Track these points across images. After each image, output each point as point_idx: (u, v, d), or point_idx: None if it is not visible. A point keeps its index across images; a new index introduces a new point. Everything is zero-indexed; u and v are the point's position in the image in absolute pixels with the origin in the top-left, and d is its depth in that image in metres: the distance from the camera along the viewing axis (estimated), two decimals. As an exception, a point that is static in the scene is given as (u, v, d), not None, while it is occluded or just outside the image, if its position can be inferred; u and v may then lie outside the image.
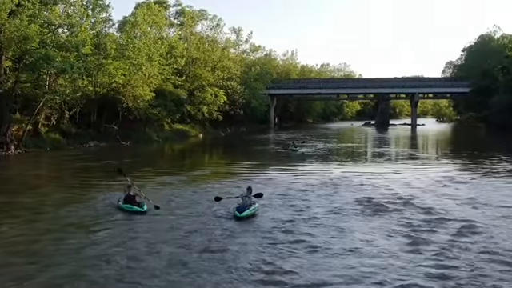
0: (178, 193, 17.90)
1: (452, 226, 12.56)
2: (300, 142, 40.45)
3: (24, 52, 33.24)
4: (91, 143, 40.62)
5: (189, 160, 36.19)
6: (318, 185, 19.33)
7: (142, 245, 10.98)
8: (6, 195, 18.03)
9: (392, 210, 14.22)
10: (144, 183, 20.17)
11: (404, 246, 10.67)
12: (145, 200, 14.65)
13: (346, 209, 14.64)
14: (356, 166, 28.53)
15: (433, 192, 17.66)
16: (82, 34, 36.78)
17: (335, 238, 11.45)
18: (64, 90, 35.38)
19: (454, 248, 10.50)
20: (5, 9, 31.35)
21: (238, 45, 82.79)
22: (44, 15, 35.45)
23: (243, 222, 13.08)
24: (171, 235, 11.87)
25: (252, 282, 8.68)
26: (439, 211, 14.06)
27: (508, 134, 54.40)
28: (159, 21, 55.59)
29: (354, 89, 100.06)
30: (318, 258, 9.89)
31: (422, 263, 9.46)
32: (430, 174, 23.08)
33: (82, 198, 17.05)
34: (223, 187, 19.02)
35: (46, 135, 37.84)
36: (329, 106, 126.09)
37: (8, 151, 32.95)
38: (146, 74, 45.37)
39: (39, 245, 11.17)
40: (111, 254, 10.21)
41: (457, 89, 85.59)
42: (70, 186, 20.85)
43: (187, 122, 57.44)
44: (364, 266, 9.32)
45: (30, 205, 15.90)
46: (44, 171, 28.44)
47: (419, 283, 8.40)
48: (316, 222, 13.14)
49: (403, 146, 47.15)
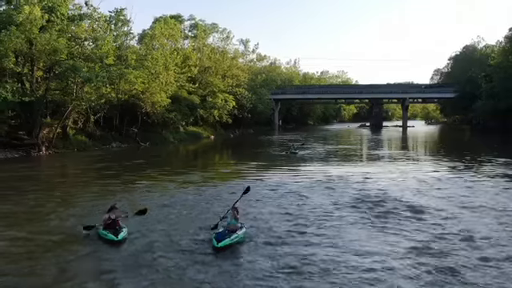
0: (179, 196, 16.62)
1: (432, 217, 12.68)
2: (299, 144, 39.39)
3: (54, 63, 33.41)
4: (114, 144, 40.73)
5: (201, 160, 36.16)
6: (315, 185, 18.88)
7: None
8: (41, 189, 18.31)
9: (384, 207, 13.99)
10: (155, 182, 20.37)
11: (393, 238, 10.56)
12: (128, 221, 11.77)
13: (342, 209, 14.31)
14: (352, 166, 28.19)
15: (420, 190, 17.35)
16: (105, 47, 36.87)
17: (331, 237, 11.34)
18: (89, 97, 35.46)
19: (435, 237, 10.59)
20: (36, 25, 31.53)
21: (246, 55, 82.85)
22: (71, 30, 35.71)
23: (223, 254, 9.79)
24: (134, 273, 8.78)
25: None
26: (426, 207, 13.85)
27: (490, 135, 54.14)
28: (175, 34, 55.79)
29: (351, 94, 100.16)
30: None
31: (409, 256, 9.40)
32: (418, 173, 22.73)
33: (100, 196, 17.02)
34: (226, 188, 18.65)
35: (74, 137, 37.98)
36: (328, 109, 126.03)
37: (39, 152, 33.15)
38: (163, 82, 45.41)
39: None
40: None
41: (444, 94, 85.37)
42: (94, 183, 20.99)
43: (200, 124, 57.45)
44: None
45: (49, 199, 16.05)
46: (71, 170, 28.55)
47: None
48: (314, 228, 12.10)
49: (395, 146, 46.91)
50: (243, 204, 13.47)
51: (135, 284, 8.24)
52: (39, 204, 15.63)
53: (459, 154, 33.27)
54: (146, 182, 20.68)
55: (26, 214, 13.95)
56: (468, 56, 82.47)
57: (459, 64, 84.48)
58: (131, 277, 8.57)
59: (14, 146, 32.34)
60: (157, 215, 13.26)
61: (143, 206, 13.20)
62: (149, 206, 13.15)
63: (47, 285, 8.37)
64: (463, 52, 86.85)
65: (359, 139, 57.31)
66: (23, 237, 11.31)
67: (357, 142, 53.29)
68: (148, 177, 22.61)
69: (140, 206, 13.59)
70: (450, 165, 27.22)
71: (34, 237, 11.28)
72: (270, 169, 25.52)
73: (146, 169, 26.63)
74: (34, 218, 13.34)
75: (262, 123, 78.52)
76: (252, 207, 14.20)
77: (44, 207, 15.00)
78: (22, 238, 11.24)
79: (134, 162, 30.15)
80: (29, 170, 26.30)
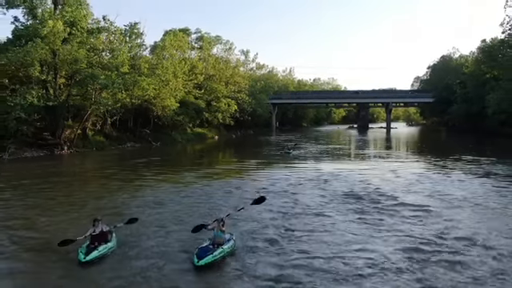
0: (177, 197, 15.67)
1: (409, 208, 12.80)
2: (293, 144, 38.43)
3: (75, 71, 33.44)
4: (128, 144, 40.71)
5: (206, 157, 36.14)
6: (308, 180, 18.85)
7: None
8: (65, 182, 18.49)
9: (367, 199, 14.09)
10: (165, 178, 20.46)
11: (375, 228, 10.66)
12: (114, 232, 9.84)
13: (332, 205, 14.39)
14: (341, 163, 28.19)
15: (401, 184, 17.40)
16: (121, 57, 36.91)
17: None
18: (107, 102, 35.42)
19: (411, 225, 10.56)
20: (59, 37, 31.63)
21: (246, 64, 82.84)
22: (90, 42, 35.67)
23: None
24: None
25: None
26: (406, 200, 13.88)
27: (463, 135, 54.21)
28: (183, 45, 55.72)
29: (340, 99, 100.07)
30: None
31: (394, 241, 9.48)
32: (400, 169, 22.76)
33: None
34: (226, 184, 18.92)
35: (93, 138, 38.01)
36: (320, 112, 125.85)
37: (62, 151, 33.21)
38: (172, 88, 45.39)
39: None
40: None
41: (423, 99, 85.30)
42: (111, 178, 21.13)
43: (205, 126, 57.40)
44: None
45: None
46: (90, 166, 28.63)
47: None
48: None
49: (380, 146, 46.94)
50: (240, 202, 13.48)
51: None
52: (63, 195, 15.86)
53: (438, 153, 33.40)
54: (158, 177, 20.84)
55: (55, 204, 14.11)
56: (444, 65, 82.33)
57: (437, 72, 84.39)
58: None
59: (40, 146, 32.41)
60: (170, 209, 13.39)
61: (135, 216, 10.94)
62: (138, 217, 10.93)
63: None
64: (440, 61, 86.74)
65: (348, 139, 57.29)
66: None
67: (346, 142, 53.26)
68: (159, 172, 22.71)
69: (134, 213, 12.08)
70: (430, 162, 27.33)
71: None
72: (267, 166, 25.65)
73: (158, 165, 26.92)
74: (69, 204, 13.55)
75: (261, 125, 78.46)
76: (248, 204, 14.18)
77: (68, 197, 15.21)
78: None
79: (147, 160, 30.34)
80: (52, 166, 26.38)
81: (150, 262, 8.61)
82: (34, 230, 11.20)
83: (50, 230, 11.02)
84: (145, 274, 8.09)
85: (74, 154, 33.66)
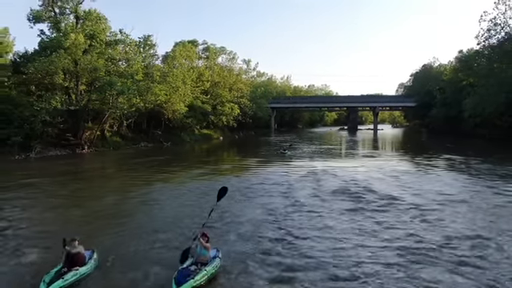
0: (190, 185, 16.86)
1: (394, 203, 12.54)
2: (288, 145, 37.51)
3: (94, 79, 33.50)
4: (142, 144, 40.71)
5: (212, 156, 36.13)
6: (302, 178, 18.73)
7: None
8: (88, 176, 18.56)
9: (359, 197, 13.98)
10: (171, 175, 20.48)
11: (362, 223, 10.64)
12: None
13: (326, 200, 14.34)
14: (333, 162, 27.79)
15: (386, 181, 17.39)
16: (135, 66, 36.95)
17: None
18: (122, 106, 35.43)
19: (396, 218, 10.48)
20: (80, 48, 31.65)
21: (248, 72, 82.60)
22: (108, 52, 35.66)
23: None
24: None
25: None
26: (391, 195, 13.80)
27: (442, 136, 54.04)
28: (191, 55, 55.64)
29: (332, 103, 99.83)
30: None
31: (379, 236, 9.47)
32: (385, 166, 22.75)
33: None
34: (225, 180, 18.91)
35: (110, 138, 38.02)
36: (314, 115, 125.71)
37: (82, 150, 33.26)
38: (182, 94, 45.31)
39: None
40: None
41: (406, 103, 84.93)
42: (125, 174, 21.21)
43: (211, 128, 57.25)
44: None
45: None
46: (108, 163, 28.66)
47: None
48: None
49: (368, 145, 46.85)
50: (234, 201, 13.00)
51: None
52: (83, 188, 15.93)
53: (421, 152, 33.34)
54: (163, 174, 20.90)
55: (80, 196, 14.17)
56: (426, 73, 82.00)
57: (419, 79, 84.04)
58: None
59: (63, 146, 32.43)
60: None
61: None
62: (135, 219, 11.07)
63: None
64: (422, 69, 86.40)
65: (339, 140, 57.20)
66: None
67: (337, 142, 53.18)
68: (169, 169, 22.79)
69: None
70: (413, 160, 27.32)
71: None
72: (265, 164, 25.46)
73: (168, 162, 26.95)
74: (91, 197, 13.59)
75: (261, 126, 78.29)
76: (245, 200, 14.17)
77: (86, 190, 15.29)
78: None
79: (158, 158, 30.39)
80: (73, 164, 26.54)
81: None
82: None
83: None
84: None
85: (94, 152, 33.71)
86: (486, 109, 43.64)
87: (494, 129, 45.46)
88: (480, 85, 46.87)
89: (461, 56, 63.29)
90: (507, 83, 42.14)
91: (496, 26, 45.59)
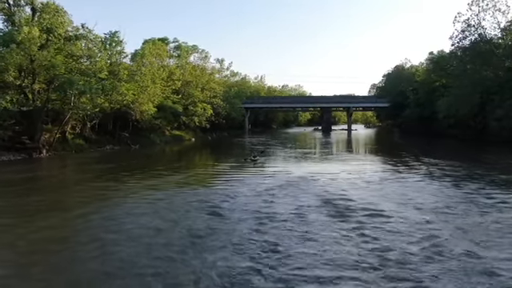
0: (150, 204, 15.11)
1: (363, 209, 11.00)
2: (259, 151, 31.94)
3: (52, 77, 30.65)
4: (108, 147, 38.05)
5: (184, 158, 33.98)
6: (277, 186, 17.08)
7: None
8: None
9: (337, 204, 12.52)
10: (134, 184, 18.27)
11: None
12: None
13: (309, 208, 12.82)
14: (309, 166, 26.36)
15: (358, 185, 15.97)
16: (99, 63, 34.31)
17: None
18: (85, 107, 32.86)
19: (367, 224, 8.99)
20: (35, 43, 28.81)
21: (221, 71, 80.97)
22: (68, 48, 32.82)
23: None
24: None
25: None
26: (361, 201, 12.42)
27: (414, 137, 54.04)
28: (161, 53, 53.17)
29: (306, 103, 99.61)
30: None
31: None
32: (358, 167, 21.62)
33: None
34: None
35: (72, 141, 35.20)
36: (288, 115, 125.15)
37: (40, 154, 30.43)
38: (151, 94, 42.94)
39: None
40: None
41: (379, 104, 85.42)
42: (88, 180, 18.83)
43: (183, 129, 55.08)
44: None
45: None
46: (66, 169, 26.04)
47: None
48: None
49: (342, 146, 45.91)
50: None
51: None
52: (37, 200, 13.50)
53: (396, 154, 32.43)
54: (134, 177, 18.64)
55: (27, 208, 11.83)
56: (398, 74, 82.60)
57: (391, 80, 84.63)
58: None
59: (18, 149, 29.50)
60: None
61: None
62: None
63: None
64: (394, 70, 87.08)
65: (313, 142, 55.92)
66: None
67: (312, 144, 51.77)
68: (133, 176, 20.49)
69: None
70: (389, 162, 26.19)
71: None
72: (238, 171, 23.50)
73: (133, 168, 24.36)
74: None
75: (235, 127, 76.57)
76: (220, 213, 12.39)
77: (32, 204, 12.90)
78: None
79: (124, 162, 27.95)
80: (24, 171, 23.60)
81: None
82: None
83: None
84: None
85: (53, 156, 30.91)
86: (459, 110, 43.50)
87: (467, 129, 45.42)
88: (454, 86, 46.83)
89: (432, 57, 63.69)
90: (480, 84, 42.11)
91: (470, 27, 45.58)
